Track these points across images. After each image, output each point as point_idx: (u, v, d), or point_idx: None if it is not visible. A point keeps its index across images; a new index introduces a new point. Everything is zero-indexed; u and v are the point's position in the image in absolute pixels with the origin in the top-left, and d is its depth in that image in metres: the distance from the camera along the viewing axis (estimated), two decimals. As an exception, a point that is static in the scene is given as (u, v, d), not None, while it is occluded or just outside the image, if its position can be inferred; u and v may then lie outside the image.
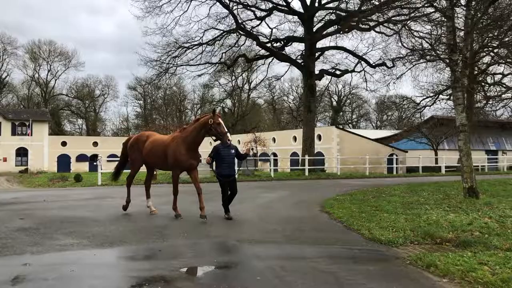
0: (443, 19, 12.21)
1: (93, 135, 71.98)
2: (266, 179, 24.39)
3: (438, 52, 11.90)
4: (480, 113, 40.79)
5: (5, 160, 54.74)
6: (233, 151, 9.46)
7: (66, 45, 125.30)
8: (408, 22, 15.48)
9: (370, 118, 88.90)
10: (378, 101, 75.04)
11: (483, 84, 35.35)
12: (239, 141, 52.58)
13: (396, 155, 39.14)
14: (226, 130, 9.07)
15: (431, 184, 18.41)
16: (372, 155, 36.95)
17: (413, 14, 13.84)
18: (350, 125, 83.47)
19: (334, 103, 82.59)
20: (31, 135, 56.01)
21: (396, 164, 37.40)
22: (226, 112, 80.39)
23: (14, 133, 57.04)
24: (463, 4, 12.37)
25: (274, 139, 48.84)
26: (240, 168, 11.00)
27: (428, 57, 12.60)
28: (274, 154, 44.53)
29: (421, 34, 15.28)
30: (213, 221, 9.15)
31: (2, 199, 13.46)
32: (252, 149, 33.80)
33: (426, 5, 11.89)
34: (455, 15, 12.98)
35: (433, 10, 12.02)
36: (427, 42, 13.44)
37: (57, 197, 14.24)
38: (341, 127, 69.42)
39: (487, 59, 34.84)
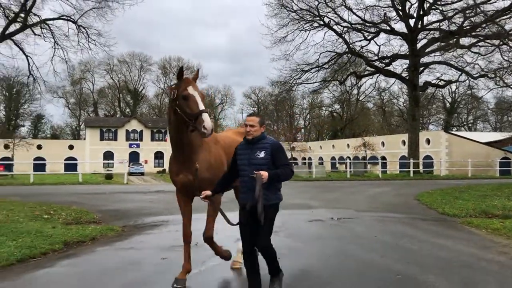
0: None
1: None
2: (375, 179, 28.73)
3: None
4: None
5: (146, 162, 64.61)
6: (262, 153, 4.38)
7: (192, 60, 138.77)
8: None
9: (488, 119, 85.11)
10: (497, 101, 72.46)
11: None
12: (348, 145, 56.28)
13: (509, 158, 39.93)
14: (202, 108, 4.62)
15: (523, 184, 21.08)
16: (482, 158, 38.40)
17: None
18: (465, 127, 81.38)
19: (448, 104, 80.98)
20: (167, 140, 65.69)
21: (510, 167, 38.12)
22: (334, 116, 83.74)
23: (152, 139, 67.26)
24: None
25: (383, 143, 51.72)
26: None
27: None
28: (383, 158, 47.65)
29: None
30: (341, 198, 13.95)
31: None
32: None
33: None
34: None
35: None
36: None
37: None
38: (454, 130, 69.07)
39: None
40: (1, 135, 62.22)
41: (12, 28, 22.68)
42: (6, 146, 49.89)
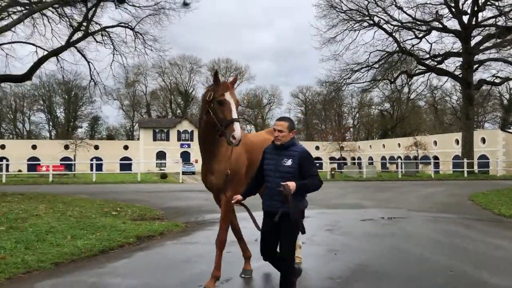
0: None
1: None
2: (427, 179, 28.35)
3: None
4: None
5: (196, 161, 66.03)
6: (289, 161, 4.14)
7: (240, 61, 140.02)
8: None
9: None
10: None
11: None
12: (399, 145, 55.22)
13: None
14: (235, 116, 4.55)
15: None
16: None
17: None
18: (525, 125, 77.33)
19: (505, 102, 77.25)
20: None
21: None
22: (384, 115, 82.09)
23: (202, 139, 68.82)
24: None
25: (435, 142, 50.41)
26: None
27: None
28: (436, 157, 46.48)
29: None
30: (393, 198, 14.08)
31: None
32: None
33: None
34: None
35: None
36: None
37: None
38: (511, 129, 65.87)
39: None
40: (61, 136, 66.03)
41: (75, 36, 24.17)
42: (66, 147, 52.92)
